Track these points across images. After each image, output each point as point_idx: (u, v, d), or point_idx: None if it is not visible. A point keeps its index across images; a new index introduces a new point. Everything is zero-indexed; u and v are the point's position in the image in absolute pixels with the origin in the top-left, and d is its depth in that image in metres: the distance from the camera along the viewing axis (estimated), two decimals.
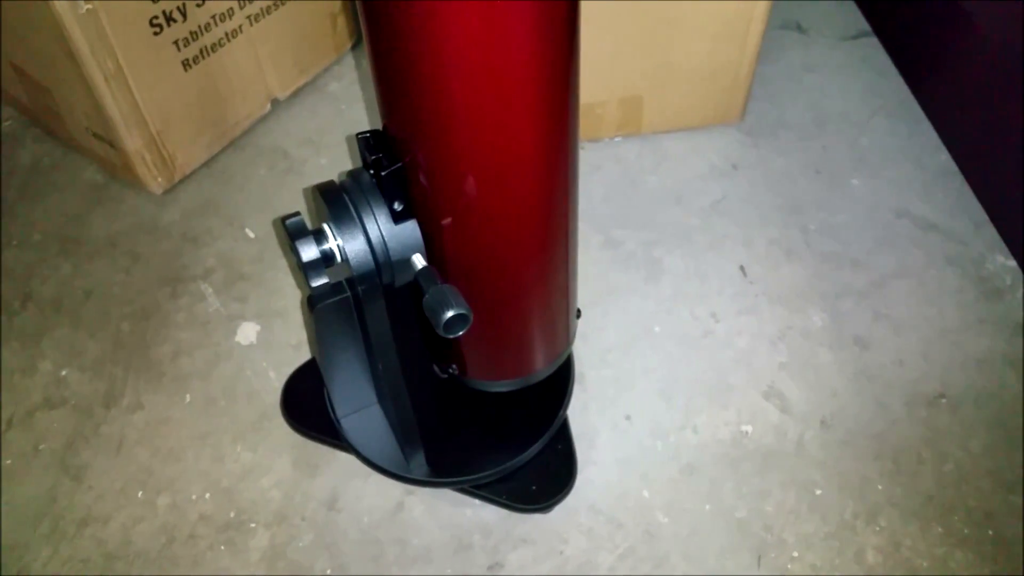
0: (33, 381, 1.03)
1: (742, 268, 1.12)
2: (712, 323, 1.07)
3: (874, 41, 1.42)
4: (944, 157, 1.24)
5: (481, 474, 0.88)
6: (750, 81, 1.21)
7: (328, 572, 0.88)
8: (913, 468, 0.94)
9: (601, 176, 1.23)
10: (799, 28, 1.44)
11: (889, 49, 1.39)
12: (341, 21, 1.36)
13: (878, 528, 0.90)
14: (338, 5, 1.33)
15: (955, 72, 1.24)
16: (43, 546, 0.90)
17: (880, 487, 0.92)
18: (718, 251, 1.14)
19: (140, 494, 0.94)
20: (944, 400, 0.99)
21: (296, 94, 1.35)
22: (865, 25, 1.44)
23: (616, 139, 1.28)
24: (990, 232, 1.14)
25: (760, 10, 1.10)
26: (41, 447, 0.98)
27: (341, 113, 1.33)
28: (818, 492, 0.92)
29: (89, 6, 0.99)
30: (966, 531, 0.89)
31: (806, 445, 0.96)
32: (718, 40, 1.14)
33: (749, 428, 0.97)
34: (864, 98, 1.33)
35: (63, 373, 1.04)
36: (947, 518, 0.90)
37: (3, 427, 0.99)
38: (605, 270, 1.12)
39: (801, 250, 1.14)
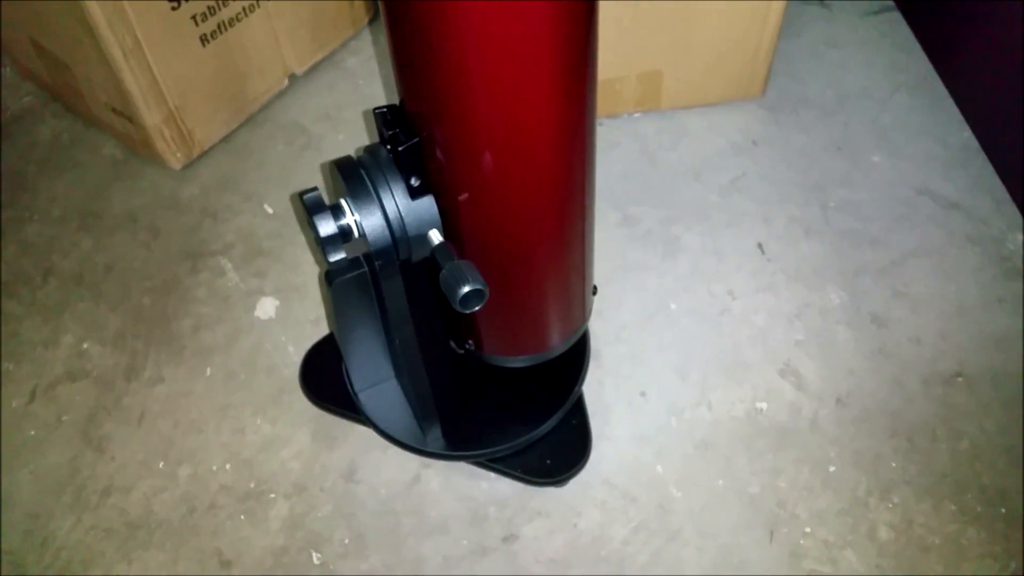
0: (55, 354, 1.05)
1: (760, 245, 1.11)
2: (729, 300, 1.06)
3: (897, 16, 1.39)
4: (966, 135, 1.22)
5: (497, 448, 0.89)
6: (771, 56, 1.20)
7: (346, 542, 0.89)
8: (928, 446, 0.94)
9: (619, 152, 1.22)
10: (821, 3, 1.42)
11: (912, 24, 1.37)
12: None
13: (891, 505, 0.90)
14: None
15: (978, 49, 1.22)
16: (67, 515, 0.92)
17: (894, 464, 0.93)
18: (736, 228, 1.13)
19: (161, 465, 0.96)
20: (961, 379, 0.98)
21: (313, 69, 1.34)
22: (888, 0, 1.42)
23: (635, 115, 1.27)
24: (1011, 211, 1.13)
25: None
26: (64, 418, 1.00)
27: (358, 88, 1.33)
28: (832, 469, 0.92)
29: None
30: (979, 509, 0.89)
31: (821, 422, 0.96)
32: (739, 15, 1.12)
33: (764, 405, 0.97)
34: (886, 74, 1.31)
35: (85, 346, 1.06)
36: (960, 496, 0.90)
37: (27, 399, 1.01)
38: (622, 247, 1.12)
39: (820, 227, 1.13)
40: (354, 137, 1.27)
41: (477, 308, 0.63)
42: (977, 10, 1.20)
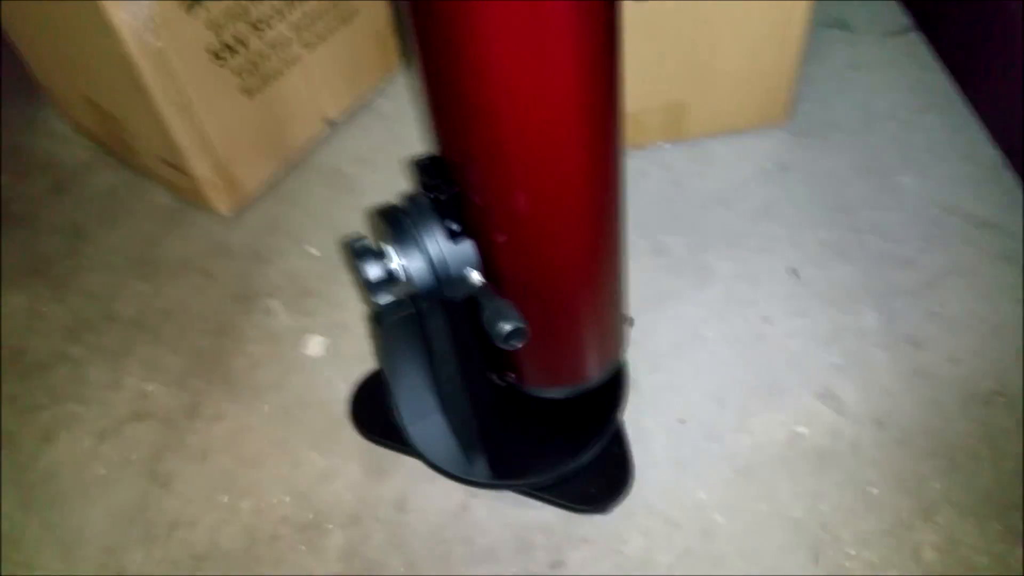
0: (120, 396, 1.10)
1: (793, 270, 1.13)
2: (764, 326, 1.08)
3: (919, 37, 1.41)
4: (994, 152, 1.23)
5: (541, 476, 0.92)
6: (795, 82, 1.22)
7: (401, 570, 0.92)
8: (970, 466, 0.94)
9: (648, 183, 1.25)
10: (843, 26, 1.44)
11: (933, 44, 1.38)
12: (391, 43, 1.40)
13: (935, 526, 0.90)
14: (388, 28, 1.38)
15: (1000, 66, 1.22)
16: (137, 549, 0.97)
17: (937, 485, 0.93)
18: (768, 253, 1.15)
19: (224, 499, 1.00)
20: (1001, 398, 0.99)
21: (350, 115, 1.40)
22: (909, 21, 1.43)
23: (662, 145, 1.29)
24: None
25: (800, 10, 1.10)
26: (132, 457, 1.04)
27: (393, 131, 1.38)
28: (874, 491, 0.93)
29: (160, 44, 1.05)
30: None
31: (861, 445, 0.97)
32: (760, 42, 1.15)
33: (804, 429, 0.99)
34: (911, 95, 1.32)
35: (148, 388, 1.11)
36: (1006, 515, 0.90)
37: (96, 440, 1.07)
38: (655, 277, 1.14)
39: (852, 250, 1.14)
40: (390, 178, 1.31)
41: (519, 345, 0.66)
42: (996, 27, 1.21)
